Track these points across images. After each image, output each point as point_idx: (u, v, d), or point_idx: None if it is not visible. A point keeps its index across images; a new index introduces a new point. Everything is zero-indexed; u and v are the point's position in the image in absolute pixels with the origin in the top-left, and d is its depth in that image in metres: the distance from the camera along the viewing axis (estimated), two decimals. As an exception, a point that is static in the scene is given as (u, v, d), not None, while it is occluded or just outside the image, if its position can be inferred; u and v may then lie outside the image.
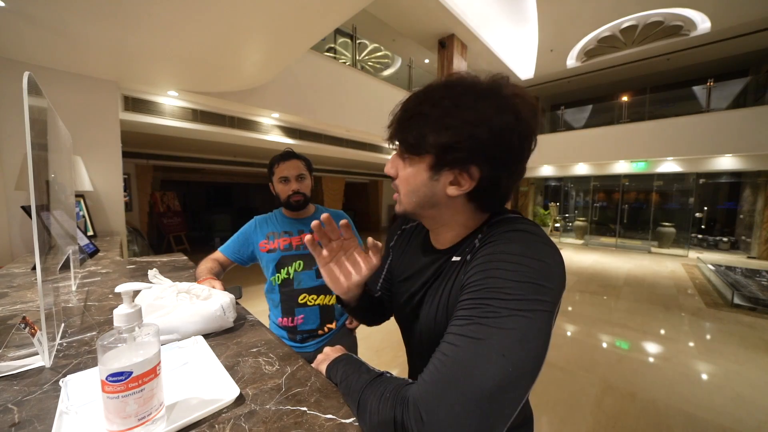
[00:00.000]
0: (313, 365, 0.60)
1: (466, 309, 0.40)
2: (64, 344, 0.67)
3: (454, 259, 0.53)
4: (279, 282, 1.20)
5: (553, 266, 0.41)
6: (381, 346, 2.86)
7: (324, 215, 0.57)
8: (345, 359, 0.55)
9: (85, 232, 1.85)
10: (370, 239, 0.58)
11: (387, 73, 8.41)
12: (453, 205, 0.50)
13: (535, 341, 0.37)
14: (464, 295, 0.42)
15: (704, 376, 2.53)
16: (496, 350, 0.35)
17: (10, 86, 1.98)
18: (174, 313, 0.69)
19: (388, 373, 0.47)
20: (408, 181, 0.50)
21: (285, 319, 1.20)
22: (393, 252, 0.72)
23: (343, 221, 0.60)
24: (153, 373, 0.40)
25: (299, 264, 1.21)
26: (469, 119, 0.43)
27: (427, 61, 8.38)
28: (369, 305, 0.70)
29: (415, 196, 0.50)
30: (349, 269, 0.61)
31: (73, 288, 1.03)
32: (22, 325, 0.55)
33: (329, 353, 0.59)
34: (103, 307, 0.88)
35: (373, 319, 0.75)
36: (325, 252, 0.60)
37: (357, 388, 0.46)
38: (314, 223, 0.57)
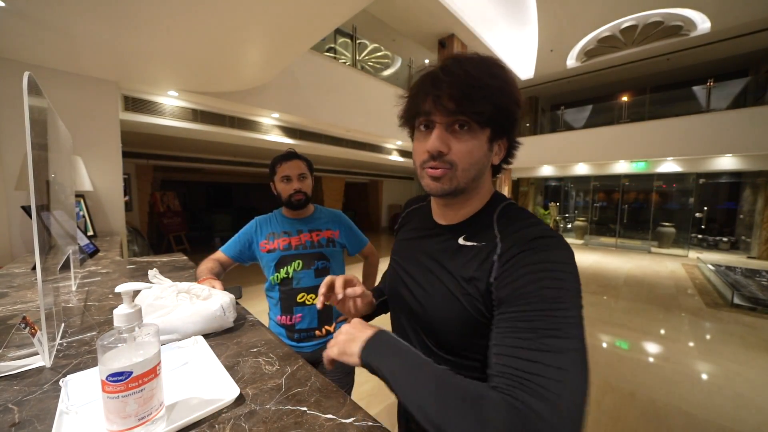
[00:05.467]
0: (327, 351, 0.52)
1: (529, 321, 0.40)
2: (64, 344, 0.67)
3: (464, 242, 0.53)
4: (278, 281, 1.21)
5: (576, 268, 0.45)
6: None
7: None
8: (385, 342, 0.47)
9: (85, 232, 1.85)
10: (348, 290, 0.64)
11: (387, 73, 8.41)
12: (486, 173, 0.55)
13: (585, 341, 0.41)
14: (520, 305, 0.42)
15: (704, 376, 2.53)
16: (576, 360, 0.37)
17: (10, 86, 1.98)
18: (174, 313, 0.69)
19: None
20: (471, 154, 0.49)
21: (284, 317, 1.21)
22: (397, 240, 0.72)
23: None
24: (153, 373, 0.40)
25: (298, 263, 1.21)
26: (516, 94, 0.50)
27: (427, 61, 8.37)
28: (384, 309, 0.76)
29: (475, 169, 0.51)
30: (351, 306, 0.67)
31: (73, 288, 1.03)
32: (23, 325, 0.55)
33: (354, 333, 0.50)
34: (103, 307, 0.89)
35: None
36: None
37: (425, 395, 0.39)
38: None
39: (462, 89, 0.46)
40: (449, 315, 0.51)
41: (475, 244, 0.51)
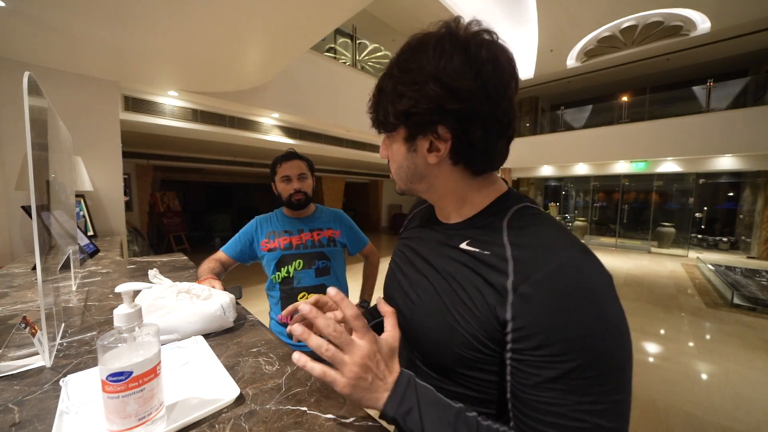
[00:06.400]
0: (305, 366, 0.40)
1: (566, 381, 0.34)
2: (65, 344, 0.67)
3: (466, 247, 0.45)
4: (279, 280, 1.21)
5: (616, 296, 0.37)
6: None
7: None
8: (414, 398, 0.39)
9: (85, 232, 1.85)
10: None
11: (387, 73, 8.37)
12: (441, 173, 0.47)
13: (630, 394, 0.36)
14: (559, 364, 0.34)
15: (704, 376, 2.53)
16: (622, 424, 0.35)
17: (10, 86, 1.98)
18: (174, 313, 0.69)
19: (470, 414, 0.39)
20: (394, 158, 0.50)
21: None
22: (399, 240, 0.67)
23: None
24: (153, 372, 0.40)
25: (299, 263, 1.21)
26: (415, 79, 0.41)
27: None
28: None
29: (402, 171, 0.50)
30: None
31: (74, 288, 1.03)
32: (23, 325, 0.55)
33: (371, 376, 0.40)
34: (103, 307, 0.89)
35: None
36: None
37: None
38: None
39: (371, 101, 0.49)
40: (437, 334, 0.45)
41: (479, 251, 0.43)
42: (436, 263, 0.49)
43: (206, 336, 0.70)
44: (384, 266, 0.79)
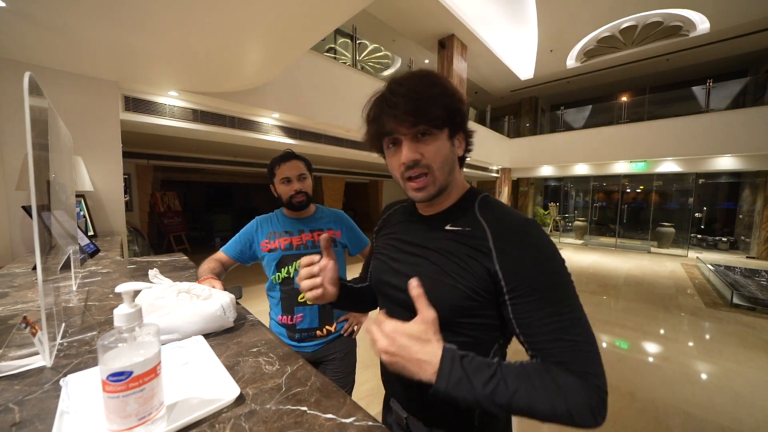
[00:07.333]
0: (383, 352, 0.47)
1: (549, 305, 0.49)
2: (65, 344, 0.67)
3: (450, 228, 0.59)
4: (279, 281, 1.21)
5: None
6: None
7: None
8: (458, 368, 0.46)
9: (85, 232, 1.85)
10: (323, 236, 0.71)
11: (387, 73, 8.40)
12: (456, 166, 0.61)
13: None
14: (537, 292, 0.49)
15: (703, 376, 2.53)
16: (587, 324, 0.50)
17: (10, 86, 1.98)
18: (174, 312, 0.69)
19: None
20: (439, 153, 0.56)
21: (284, 317, 1.21)
22: (377, 238, 0.77)
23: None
24: (153, 372, 0.40)
25: (299, 263, 1.21)
26: (457, 93, 0.58)
27: (427, 61, 8.38)
28: (352, 297, 0.76)
29: (447, 165, 0.58)
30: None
31: (74, 288, 1.03)
32: (23, 325, 0.55)
33: (418, 351, 0.46)
34: (103, 306, 0.89)
35: (363, 307, 0.81)
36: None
37: (529, 404, 0.44)
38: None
39: (414, 103, 0.54)
40: (439, 293, 0.54)
41: (461, 228, 0.57)
42: (428, 244, 0.60)
43: (206, 336, 0.70)
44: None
